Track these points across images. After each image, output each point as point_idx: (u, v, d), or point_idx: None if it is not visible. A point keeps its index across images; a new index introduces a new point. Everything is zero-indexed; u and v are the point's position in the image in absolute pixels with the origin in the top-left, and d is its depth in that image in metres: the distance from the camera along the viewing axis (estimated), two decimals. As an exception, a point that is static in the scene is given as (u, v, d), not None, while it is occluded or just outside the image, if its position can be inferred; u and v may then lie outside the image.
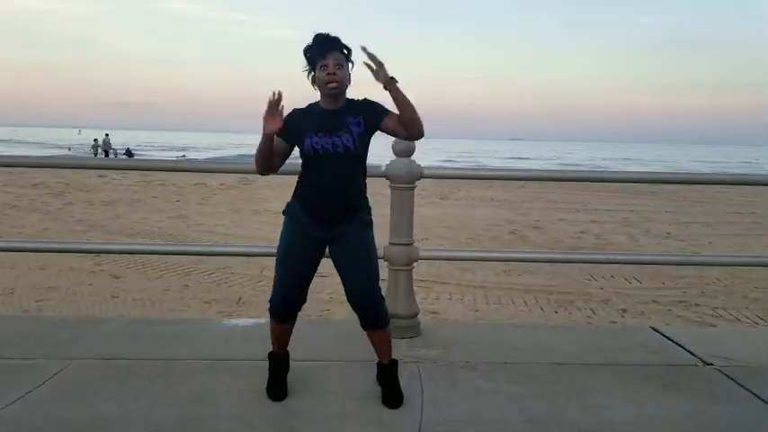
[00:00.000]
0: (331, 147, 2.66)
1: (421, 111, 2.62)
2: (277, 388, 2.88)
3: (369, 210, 2.85)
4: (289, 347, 2.97)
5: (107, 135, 38.96)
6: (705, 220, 15.03)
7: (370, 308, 2.81)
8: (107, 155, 36.78)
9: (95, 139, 39.99)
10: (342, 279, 2.83)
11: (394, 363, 2.94)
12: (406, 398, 2.87)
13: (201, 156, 55.65)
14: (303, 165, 2.76)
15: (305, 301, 2.88)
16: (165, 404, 2.78)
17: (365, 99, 2.77)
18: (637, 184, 19.02)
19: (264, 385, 2.91)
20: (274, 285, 2.83)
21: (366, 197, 2.85)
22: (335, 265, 2.83)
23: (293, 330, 2.93)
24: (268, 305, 2.88)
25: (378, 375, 2.96)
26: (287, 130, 2.65)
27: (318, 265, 2.86)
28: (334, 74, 2.63)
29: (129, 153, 44.11)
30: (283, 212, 2.84)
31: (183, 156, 64.55)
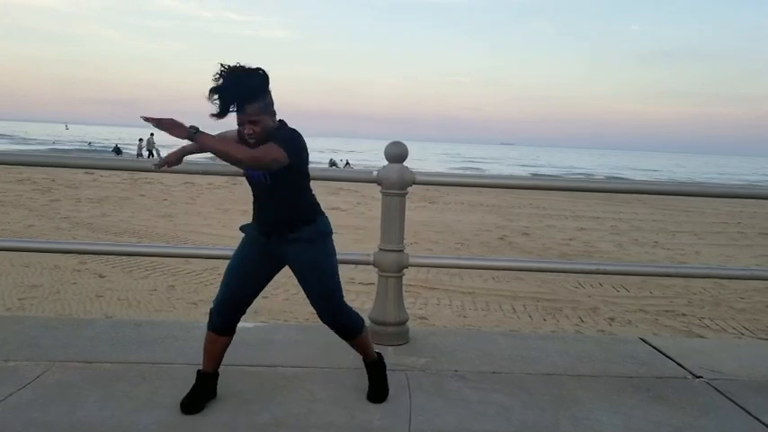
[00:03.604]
0: (249, 173, 2.69)
1: (410, 114, 2.57)
2: (191, 403, 2.75)
3: (314, 223, 2.75)
4: (276, 353, 2.93)
5: (152, 135, 36.49)
6: (692, 230, 15.13)
7: (333, 325, 2.84)
8: (151, 155, 34.51)
9: (140, 139, 37.73)
10: None
11: (380, 358, 2.99)
12: (395, 407, 2.85)
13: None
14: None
15: (244, 312, 2.83)
16: (149, 410, 2.73)
17: (281, 131, 2.60)
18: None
19: (253, 392, 2.87)
20: (217, 293, 2.82)
21: (309, 211, 2.76)
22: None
23: (280, 335, 2.90)
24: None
25: (367, 371, 2.99)
26: None
27: (267, 281, 2.85)
28: (251, 133, 2.52)
29: (117, 150, 43.79)
30: (240, 229, 2.86)
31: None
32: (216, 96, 2.45)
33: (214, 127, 2.49)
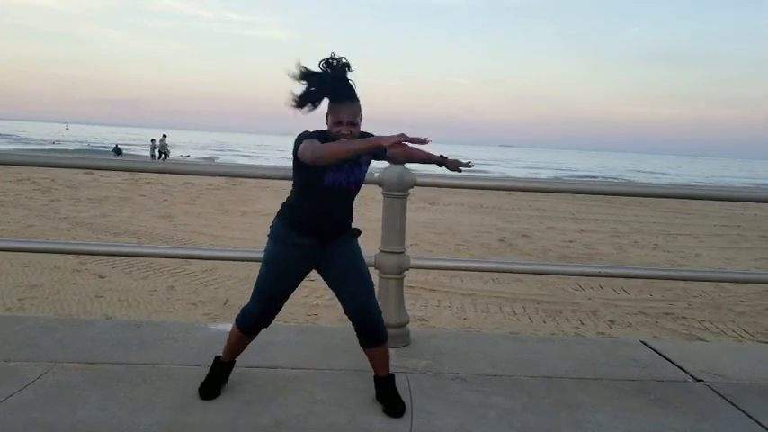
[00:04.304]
0: (344, 182, 2.64)
1: (410, 116, 2.59)
2: (210, 391, 2.87)
3: (352, 222, 2.85)
4: (276, 354, 2.93)
5: (164, 136, 35.74)
6: (692, 232, 15.13)
7: (377, 322, 2.81)
8: (162, 156, 33.73)
9: (152, 140, 36.77)
10: (340, 296, 2.81)
11: (391, 376, 2.91)
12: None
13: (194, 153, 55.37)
14: (306, 191, 2.67)
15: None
16: (149, 411, 2.73)
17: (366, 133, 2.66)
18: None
19: (254, 393, 2.87)
20: (255, 298, 2.80)
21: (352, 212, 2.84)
22: (331, 284, 2.82)
23: (280, 336, 2.91)
24: (240, 315, 2.86)
25: (376, 387, 2.91)
26: None
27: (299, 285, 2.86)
28: (349, 133, 2.50)
29: (117, 150, 43.79)
30: (270, 236, 2.78)
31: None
32: (319, 82, 2.45)
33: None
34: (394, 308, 3.70)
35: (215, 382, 2.90)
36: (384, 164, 3.70)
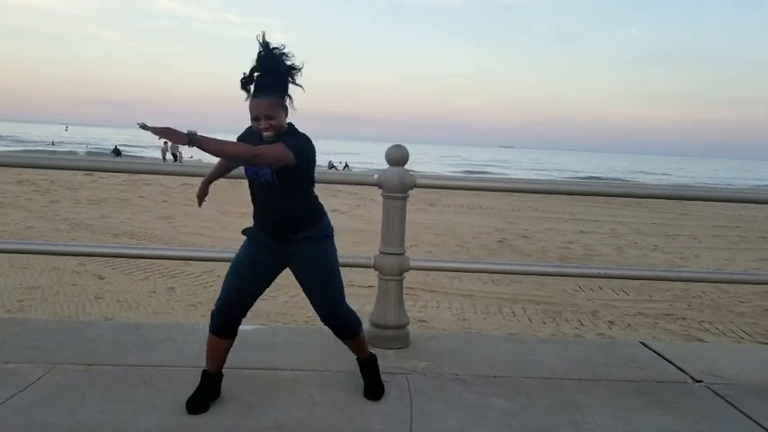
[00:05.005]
0: (254, 175, 2.64)
1: (409, 116, 2.58)
2: (196, 404, 2.77)
3: (319, 223, 2.77)
4: (276, 356, 2.93)
5: None
6: (691, 233, 15.14)
7: (334, 325, 2.85)
8: (175, 159, 33.88)
9: (165, 142, 35.27)
10: (308, 298, 2.84)
11: (373, 356, 2.99)
12: (395, 410, 2.85)
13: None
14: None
15: (245, 315, 2.83)
16: (149, 413, 2.73)
17: (291, 134, 2.62)
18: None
19: (254, 395, 2.87)
20: (220, 295, 2.79)
21: (313, 212, 2.77)
22: (300, 284, 2.83)
23: (280, 337, 2.90)
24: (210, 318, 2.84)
25: (360, 369, 3.02)
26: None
27: (269, 284, 2.84)
28: (267, 129, 2.53)
29: (116, 152, 43.78)
30: (242, 232, 2.84)
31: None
32: (243, 77, 2.52)
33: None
34: (394, 309, 3.70)
35: (201, 396, 2.80)
36: (384, 165, 3.71)
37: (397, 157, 3.63)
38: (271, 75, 2.55)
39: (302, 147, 2.58)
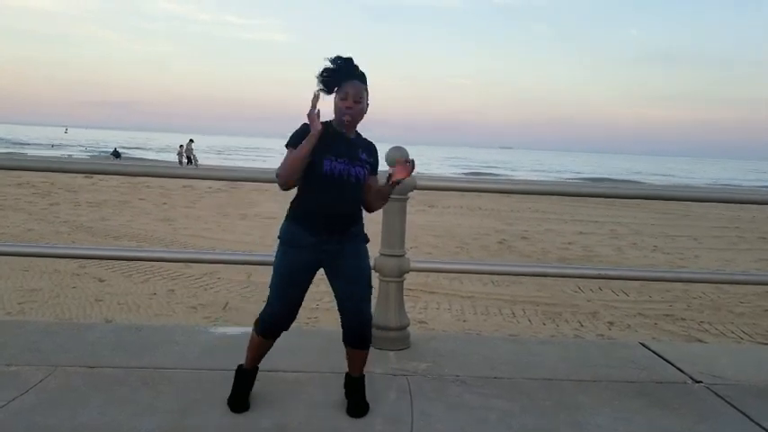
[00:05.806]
0: (346, 174, 2.67)
1: (409, 118, 2.62)
2: (241, 402, 2.84)
3: (362, 221, 2.85)
4: (277, 358, 2.94)
5: (191, 141, 35.34)
6: (691, 234, 15.15)
7: (366, 328, 2.81)
8: (190, 162, 33.24)
9: (181, 145, 35.68)
10: (338, 293, 2.81)
11: (362, 377, 2.95)
12: (396, 412, 2.86)
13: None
14: (306, 183, 2.69)
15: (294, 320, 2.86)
16: (151, 415, 2.73)
17: (371, 143, 2.85)
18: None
19: (255, 396, 2.87)
20: (271, 303, 2.78)
21: (360, 209, 2.85)
22: (332, 279, 2.81)
23: (281, 339, 2.91)
24: (258, 321, 2.84)
25: (346, 385, 2.96)
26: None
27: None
28: (351, 107, 2.66)
29: (116, 154, 43.76)
30: (279, 237, 2.78)
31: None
32: (330, 71, 2.65)
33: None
34: (394, 311, 3.71)
35: (243, 392, 2.87)
36: (383, 167, 3.71)
37: (397, 158, 3.62)
38: (359, 68, 2.72)
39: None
